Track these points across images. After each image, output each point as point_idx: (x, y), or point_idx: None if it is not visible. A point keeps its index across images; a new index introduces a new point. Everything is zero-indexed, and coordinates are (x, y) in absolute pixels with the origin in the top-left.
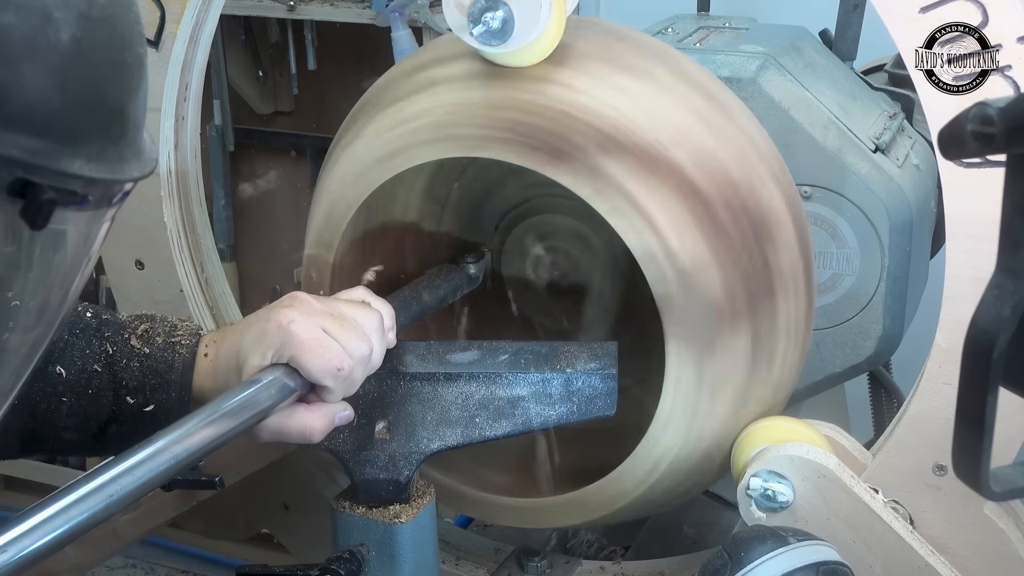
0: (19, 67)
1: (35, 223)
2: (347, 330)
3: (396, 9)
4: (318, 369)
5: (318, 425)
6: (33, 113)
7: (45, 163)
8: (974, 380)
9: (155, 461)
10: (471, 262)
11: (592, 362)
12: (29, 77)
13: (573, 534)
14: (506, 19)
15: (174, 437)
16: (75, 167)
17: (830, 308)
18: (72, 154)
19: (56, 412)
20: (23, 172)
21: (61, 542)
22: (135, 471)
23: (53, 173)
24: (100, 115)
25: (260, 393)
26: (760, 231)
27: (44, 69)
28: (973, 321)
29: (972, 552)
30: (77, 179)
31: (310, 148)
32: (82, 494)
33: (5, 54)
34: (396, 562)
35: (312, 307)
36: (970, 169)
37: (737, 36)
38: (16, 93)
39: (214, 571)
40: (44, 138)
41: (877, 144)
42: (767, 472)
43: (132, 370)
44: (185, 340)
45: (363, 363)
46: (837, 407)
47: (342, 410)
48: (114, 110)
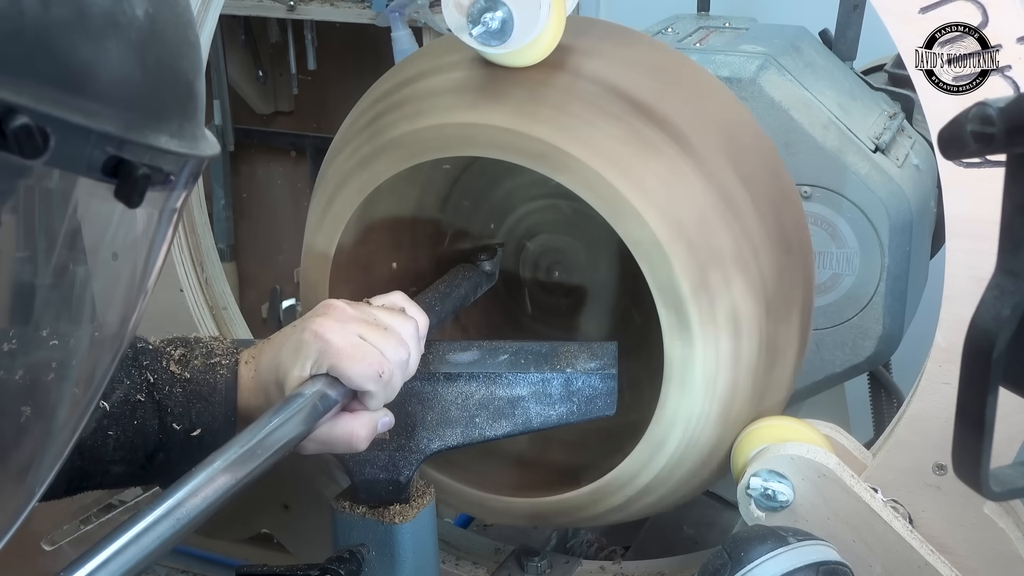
0: (103, 42)
1: (131, 200)
2: (384, 336)
3: (396, 9)
4: (359, 375)
5: (363, 432)
6: (120, 88)
7: (137, 138)
8: (974, 380)
9: (209, 488)
10: (485, 259)
11: (592, 362)
12: (113, 52)
13: (573, 534)
14: (505, 19)
15: (226, 461)
16: (162, 142)
17: (830, 308)
18: (157, 129)
19: (103, 447)
20: (115, 149)
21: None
22: (190, 501)
23: (144, 148)
24: (177, 91)
25: (306, 407)
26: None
27: (125, 44)
28: (973, 321)
29: (972, 551)
30: (166, 154)
31: (310, 148)
32: (150, 521)
33: (90, 30)
34: (396, 562)
35: (347, 314)
36: (970, 169)
37: (737, 36)
38: (103, 68)
39: (214, 571)
40: (133, 113)
41: (877, 144)
42: (767, 472)
43: (175, 396)
44: (224, 360)
45: (402, 368)
46: (837, 407)
47: (384, 416)
48: (187, 86)
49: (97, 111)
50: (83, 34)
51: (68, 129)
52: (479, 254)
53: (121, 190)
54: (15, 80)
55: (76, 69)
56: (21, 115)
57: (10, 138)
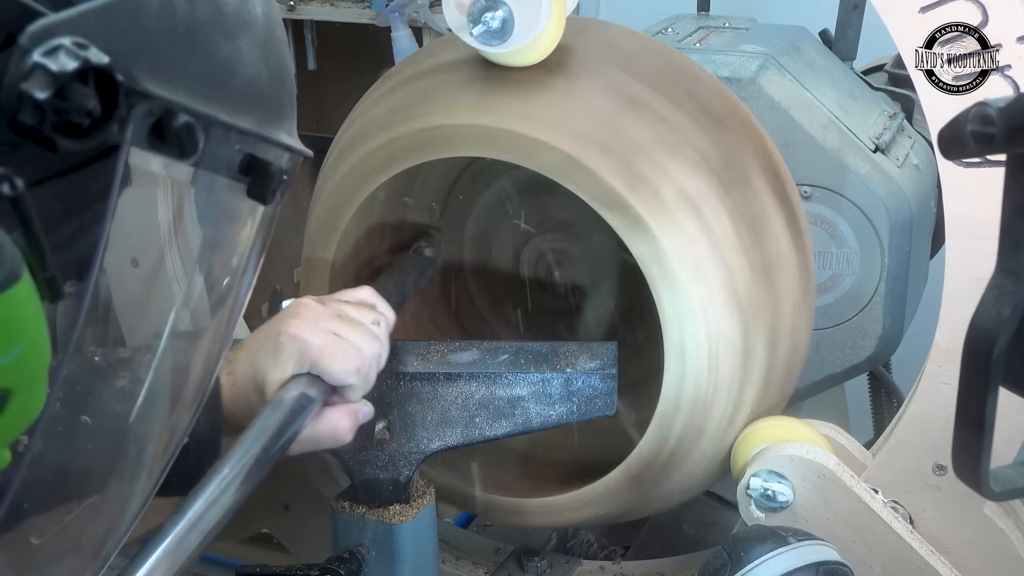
0: (238, 41)
1: (265, 198)
2: (357, 330)
3: (396, 9)
4: (340, 370)
5: (346, 424)
6: (253, 86)
7: (268, 134)
8: (974, 380)
9: (224, 499)
10: (426, 246)
11: (592, 362)
12: (246, 50)
13: (573, 534)
14: (506, 19)
15: (233, 470)
16: (285, 139)
17: (830, 308)
18: (279, 127)
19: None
20: (250, 147)
21: None
22: (207, 515)
23: (274, 146)
24: (288, 87)
25: (293, 409)
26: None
27: (253, 43)
28: (973, 321)
29: (972, 552)
30: (292, 152)
31: (310, 148)
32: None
33: (227, 29)
34: (396, 562)
35: (319, 312)
36: (970, 169)
37: (737, 36)
38: (240, 66)
39: (214, 571)
40: (263, 110)
41: (877, 144)
42: (767, 472)
43: None
44: None
45: (376, 361)
46: (837, 407)
47: (364, 406)
48: (292, 85)
49: (237, 109)
50: (222, 33)
51: (215, 127)
52: (419, 241)
53: (255, 187)
54: (170, 80)
55: (219, 67)
56: (182, 114)
57: (171, 138)
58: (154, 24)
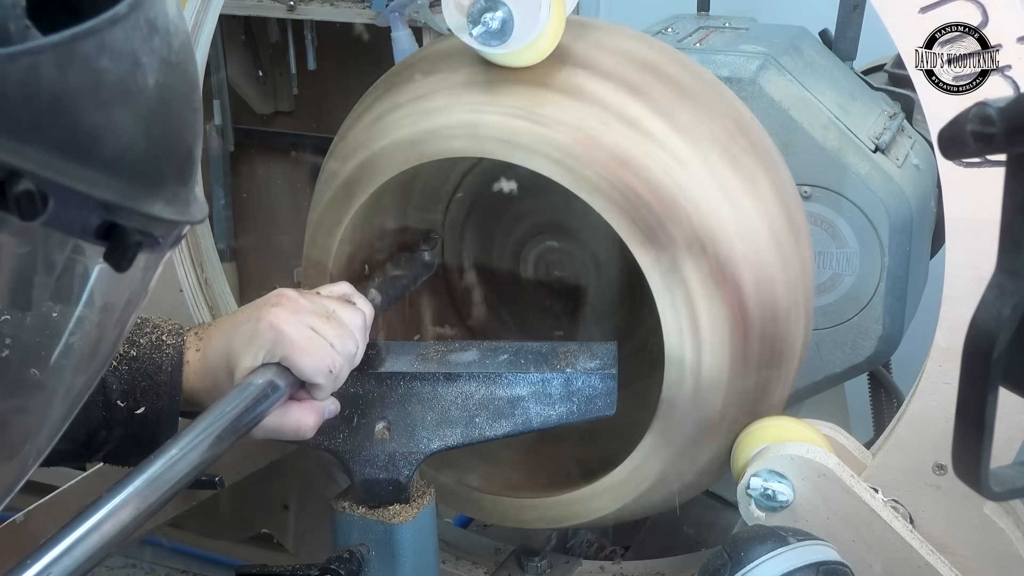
0: (113, 111)
1: (120, 265)
2: (336, 329)
3: (396, 9)
4: (311, 368)
5: (310, 421)
6: (124, 157)
7: (133, 206)
8: (974, 380)
9: (171, 472)
10: (426, 249)
11: (592, 362)
12: (121, 121)
13: (573, 534)
14: (505, 19)
15: (184, 447)
16: (156, 209)
17: (830, 308)
18: (154, 196)
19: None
20: (110, 215)
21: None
22: (144, 492)
23: (139, 216)
24: (177, 158)
25: (258, 396)
26: (775, 363)
27: (134, 113)
28: (973, 321)
29: (972, 552)
30: (158, 221)
31: (310, 148)
32: (85, 530)
33: (102, 98)
34: (396, 562)
35: (300, 305)
36: (970, 169)
37: (737, 36)
38: (111, 137)
39: (214, 571)
40: (132, 181)
41: (877, 144)
42: (767, 472)
43: (121, 373)
44: (169, 340)
45: (349, 361)
46: (837, 407)
47: (330, 404)
48: (186, 153)
49: (98, 179)
50: (94, 103)
51: (68, 194)
52: (420, 243)
53: (111, 254)
54: (22, 144)
55: (83, 137)
56: (24, 180)
57: (11, 201)
58: (12, 90)
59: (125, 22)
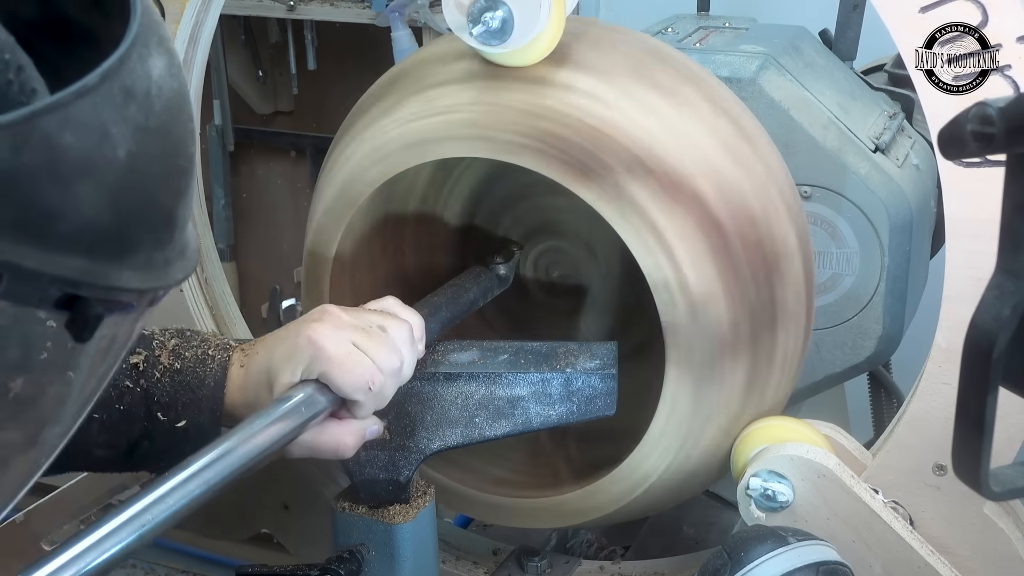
0: (74, 187)
1: (81, 336)
2: (377, 343)
3: (396, 9)
4: (349, 385)
5: (350, 441)
6: (85, 232)
7: (94, 280)
8: (974, 380)
9: (188, 487)
10: (500, 263)
11: (592, 362)
12: (83, 197)
13: (573, 534)
14: (505, 19)
15: (207, 461)
16: (123, 280)
17: (830, 308)
18: (121, 266)
19: (88, 429)
20: (71, 288)
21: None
22: (168, 499)
23: (102, 288)
24: (150, 225)
25: (292, 412)
26: (771, 267)
27: (98, 187)
28: (973, 321)
29: (972, 552)
30: (125, 291)
31: (310, 148)
32: (115, 526)
33: (60, 174)
34: (396, 562)
35: (342, 320)
36: (970, 169)
37: (737, 36)
38: (70, 214)
39: (214, 571)
40: (93, 255)
41: (877, 144)
42: (767, 472)
43: (163, 386)
44: (216, 355)
45: (394, 376)
46: (837, 407)
47: (372, 424)
48: (164, 217)
49: (54, 258)
50: (51, 180)
51: (22, 272)
52: (495, 256)
53: (72, 324)
54: None
55: (37, 215)
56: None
57: None
58: None
59: (95, 94)
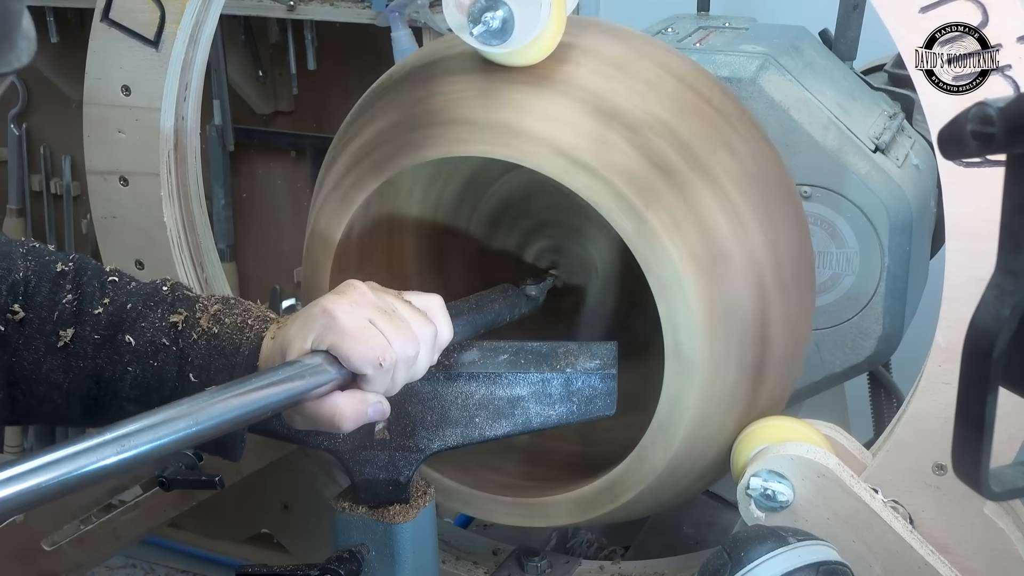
0: None
1: None
2: (396, 327)
3: (396, 9)
4: (357, 356)
5: (348, 411)
6: None
7: None
8: (974, 380)
9: (173, 426)
10: (532, 284)
11: (592, 362)
12: None
13: (573, 534)
14: (506, 19)
15: (196, 405)
16: None
17: (830, 308)
18: None
19: (120, 381)
20: None
21: (65, 488)
22: (156, 430)
23: None
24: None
25: (290, 375)
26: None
27: None
28: (973, 321)
29: (972, 552)
30: None
31: (310, 148)
32: (95, 443)
33: None
34: (396, 562)
35: (363, 297)
36: (970, 169)
37: (737, 36)
38: None
39: (214, 571)
40: None
41: (877, 144)
42: (767, 472)
43: (199, 348)
44: (255, 324)
45: (406, 364)
46: (837, 407)
47: (375, 402)
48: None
49: None
50: None
51: None
52: (527, 278)
53: None
54: None
55: None
56: None
57: None
58: None
59: None
